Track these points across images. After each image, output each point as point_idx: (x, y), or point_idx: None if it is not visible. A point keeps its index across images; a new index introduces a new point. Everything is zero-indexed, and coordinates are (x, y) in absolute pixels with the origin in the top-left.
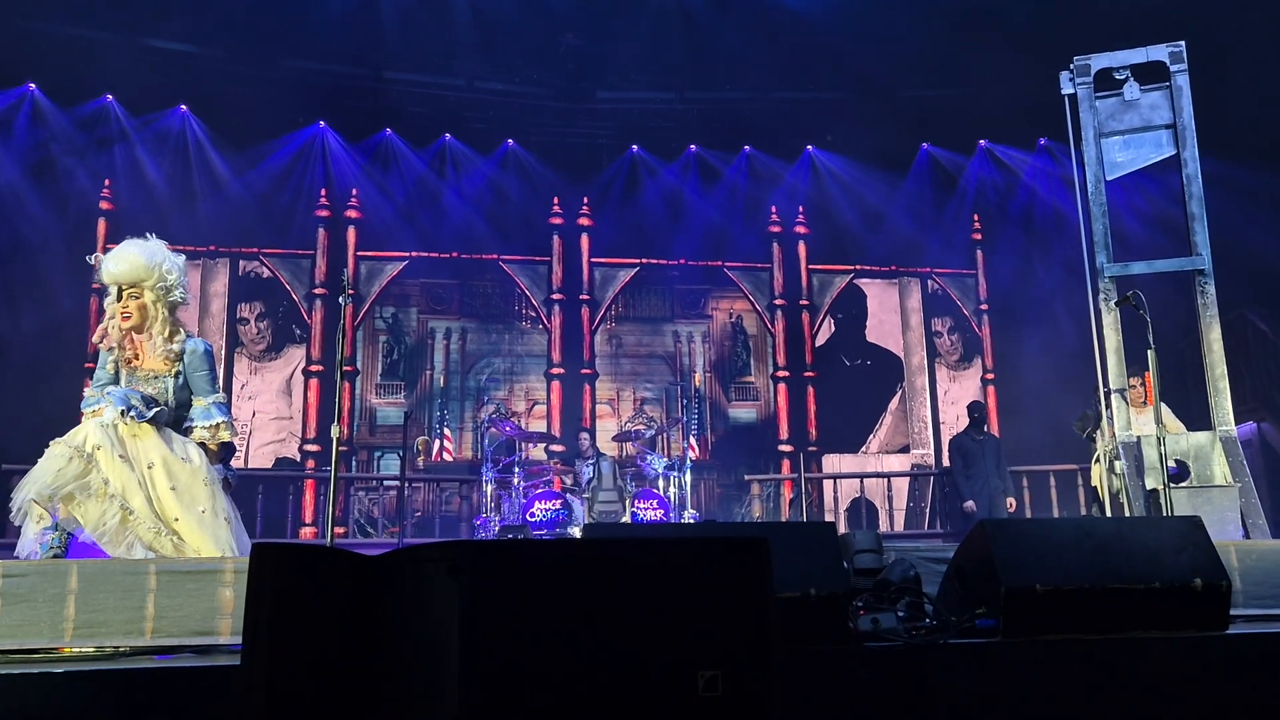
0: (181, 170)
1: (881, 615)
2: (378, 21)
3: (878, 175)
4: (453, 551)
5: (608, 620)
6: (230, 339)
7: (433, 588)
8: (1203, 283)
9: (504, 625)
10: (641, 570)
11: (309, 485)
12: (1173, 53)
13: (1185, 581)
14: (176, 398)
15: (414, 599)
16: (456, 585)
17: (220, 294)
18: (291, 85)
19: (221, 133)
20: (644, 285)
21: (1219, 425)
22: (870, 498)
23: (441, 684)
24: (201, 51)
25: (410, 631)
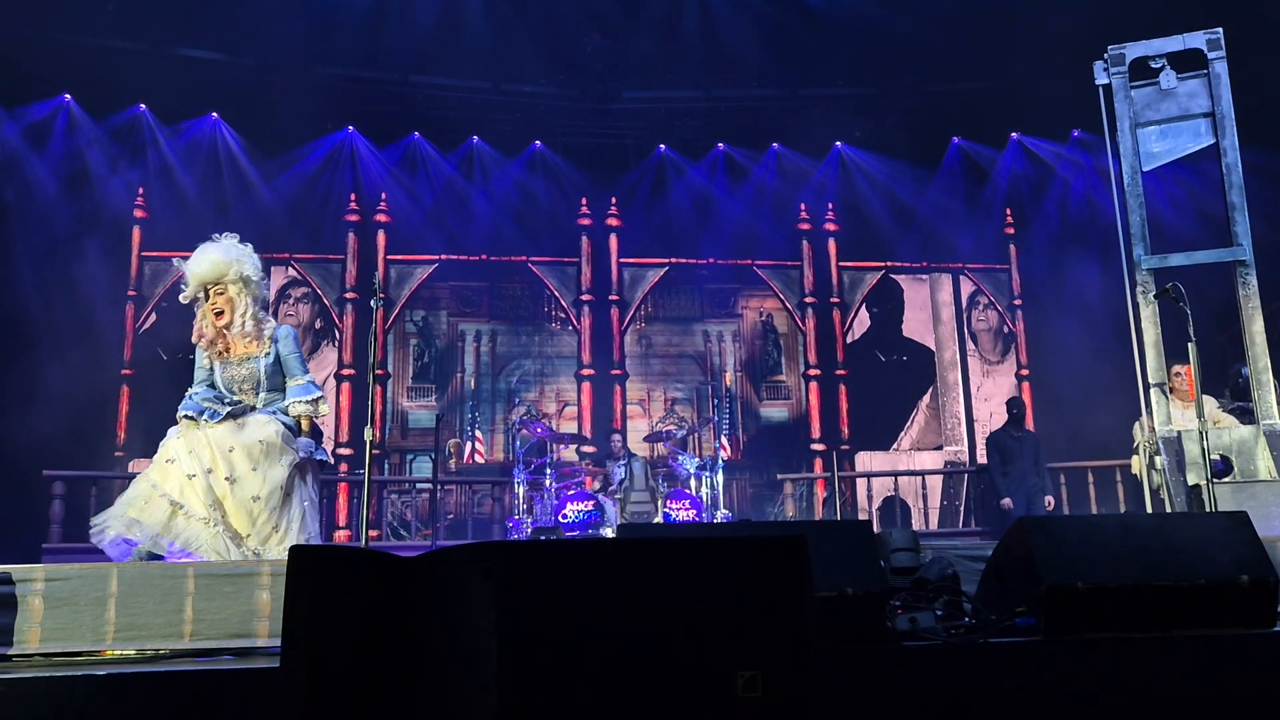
0: (213, 177)
1: (919, 614)
2: (404, 26)
3: (908, 170)
4: (487, 553)
5: (644, 620)
6: None
7: (468, 589)
8: (1244, 274)
9: (540, 626)
10: (677, 570)
11: (342, 488)
12: (1210, 40)
13: (1231, 578)
14: (270, 380)
15: (450, 601)
16: (492, 587)
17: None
18: (320, 91)
19: (252, 139)
20: (673, 285)
21: (1263, 419)
22: (904, 496)
23: (480, 686)
24: (231, 60)
25: (447, 633)
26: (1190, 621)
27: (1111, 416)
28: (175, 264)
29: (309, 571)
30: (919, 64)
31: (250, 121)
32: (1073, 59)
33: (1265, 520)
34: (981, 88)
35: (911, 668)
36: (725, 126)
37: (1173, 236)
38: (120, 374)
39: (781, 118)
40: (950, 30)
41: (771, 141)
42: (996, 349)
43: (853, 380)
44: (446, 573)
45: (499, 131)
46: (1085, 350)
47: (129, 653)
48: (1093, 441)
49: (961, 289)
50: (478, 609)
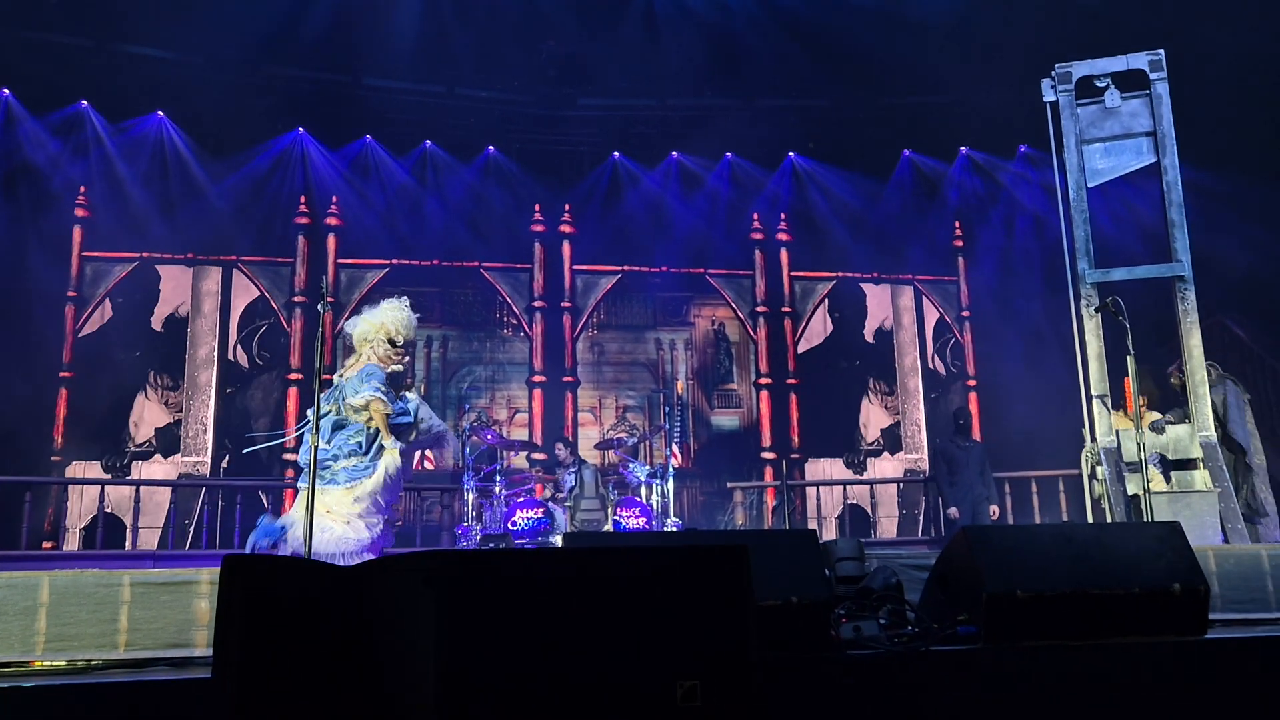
0: (158, 177)
1: (863, 623)
2: (357, 28)
3: (859, 182)
4: (428, 562)
5: (586, 630)
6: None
7: (409, 598)
8: (1183, 289)
9: (481, 636)
10: (620, 580)
11: (288, 495)
12: (1152, 60)
13: (1164, 586)
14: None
15: (390, 610)
16: (433, 596)
17: (213, 292)
18: (270, 92)
19: (199, 139)
20: (626, 292)
21: (1199, 431)
22: (864, 504)
23: (419, 696)
24: (179, 58)
25: (387, 643)
26: (1125, 628)
27: (1055, 427)
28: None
29: (242, 580)
30: (871, 77)
31: (198, 121)
32: (1021, 76)
33: (1199, 530)
34: (932, 102)
35: (855, 676)
36: (679, 135)
37: (1116, 251)
38: (59, 376)
39: (735, 127)
40: (902, 44)
41: (725, 151)
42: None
43: (812, 385)
44: (386, 581)
45: (452, 136)
46: (1031, 362)
47: (59, 664)
48: (1037, 451)
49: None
50: (417, 618)
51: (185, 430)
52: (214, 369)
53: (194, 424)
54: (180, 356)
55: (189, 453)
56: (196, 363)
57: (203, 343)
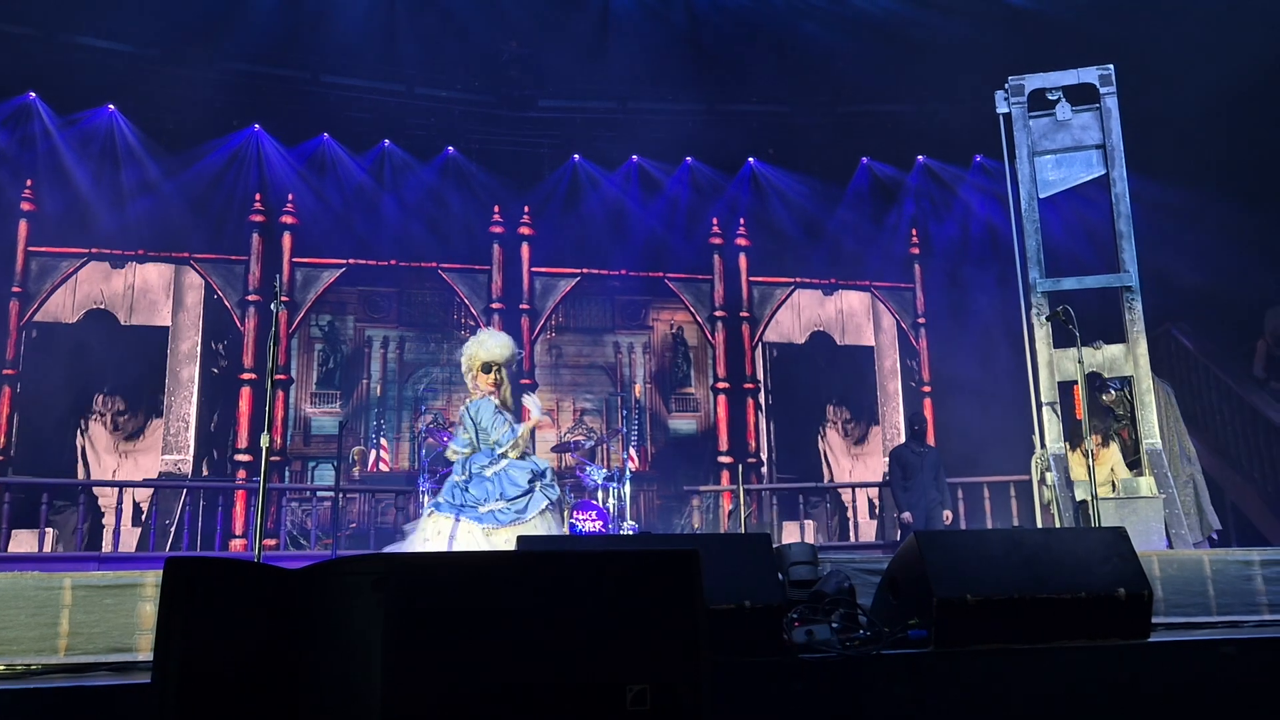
0: (109, 171)
1: (816, 627)
2: (315, 24)
3: (818, 189)
4: (377, 565)
5: (536, 634)
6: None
7: (357, 602)
8: (1130, 299)
9: (430, 640)
10: (571, 583)
11: (239, 496)
12: (1102, 75)
13: (1110, 591)
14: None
15: (337, 614)
16: (381, 599)
17: (197, 285)
18: (226, 87)
19: (151, 134)
20: (584, 295)
21: (1145, 438)
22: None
23: (365, 701)
24: (132, 50)
25: (333, 647)
26: (1072, 632)
27: (1007, 433)
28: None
29: (185, 583)
30: (831, 84)
31: (150, 115)
32: (976, 88)
33: (1144, 535)
34: (890, 111)
35: (807, 679)
36: (640, 139)
37: (1067, 261)
38: (2, 373)
39: (695, 132)
40: (862, 53)
41: (685, 155)
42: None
43: (794, 383)
44: (333, 584)
45: (411, 135)
46: (984, 368)
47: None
48: (989, 457)
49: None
50: (365, 621)
51: (166, 427)
52: (196, 364)
53: (175, 421)
54: (143, 363)
55: (170, 450)
56: (178, 358)
57: (185, 337)
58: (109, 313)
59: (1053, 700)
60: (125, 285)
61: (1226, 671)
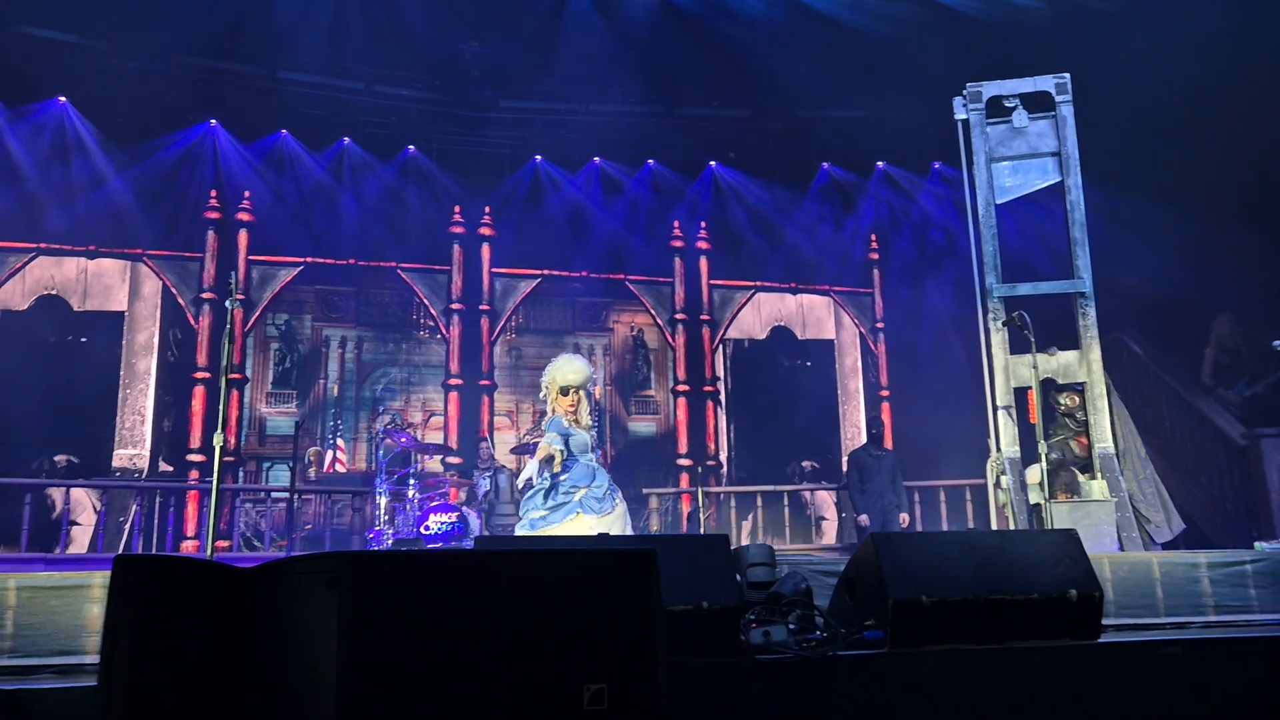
0: (59, 165)
1: (773, 628)
2: (273, 19)
3: (779, 193)
4: (331, 563)
5: (493, 633)
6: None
7: (310, 601)
8: (1084, 305)
9: (385, 640)
10: (528, 583)
11: (192, 497)
12: (1058, 84)
13: (1061, 593)
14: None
15: (291, 613)
16: (335, 598)
17: (153, 275)
18: (180, 81)
19: (104, 128)
20: (545, 297)
21: (1098, 442)
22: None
23: (319, 702)
24: (83, 42)
25: (286, 647)
26: (1024, 633)
27: (963, 438)
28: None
29: (132, 582)
30: (792, 89)
31: (103, 108)
32: (935, 94)
33: (1096, 538)
34: (851, 117)
35: (763, 680)
36: (601, 141)
37: (1023, 267)
38: None
39: (657, 135)
40: (823, 59)
41: (647, 158)
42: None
43: (757, 384)
44: (287, 583)
45: (371, 134)
46: (940, 373)
47: None
48: (946, 461)
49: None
50: (319, 621)
51: (121, 420)
52: (153, 356)
53: (131, 414)
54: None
55: (125, 445)
56: (134, 349)
57: (142, 328)
58: (61, 299)
59: (1005, 699)
60: (79, 270)
61: (1173, 671)
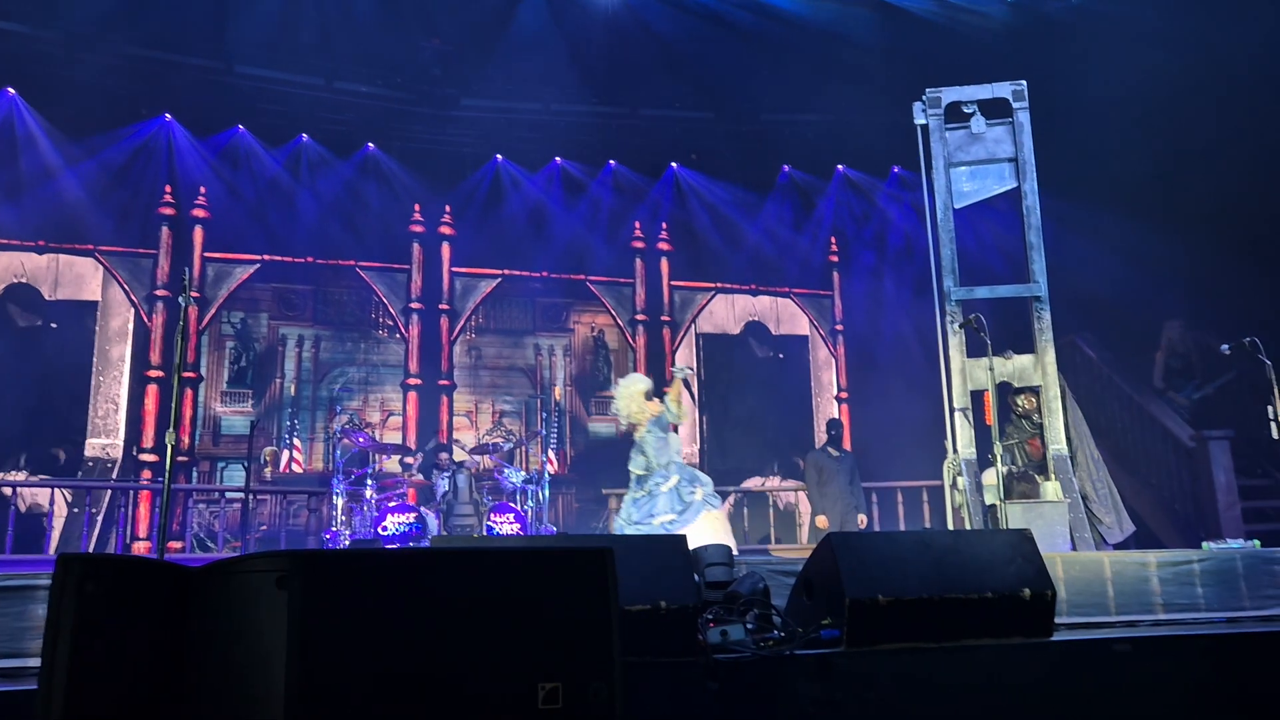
0: (6, 157)
1: (730, 627)
2: (230, 13)
3: (740, 195)
4: (280, 562)
5: (446, 632)
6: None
7: (259, 599)
8: (1039, 309)
9: (334, 640)
10: (482, 581)
11: (144, 497)
12: (1015, 90)
13: (1015, 591)
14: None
15: (240, 612)
16: (285, 596)
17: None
18: (134, 74)
19: (55, 120)
20: (505, 297)
21: (1052, 445)
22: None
23: (267, 703)
24: (33, 32)
25: (235, 647)
26: (978, 631)
27: (921, 439)
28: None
29: (76, 582)
30: (754, 92)
31: (54, 100)
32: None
33: (1049, 538)
34: (812, 120)
35: (721, 679)
36: (563, 140)
37: (980, 270)
38: None
39: (619, 135)
40: (784, 62)
41: (608, 158)
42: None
43: (729, 380)
44: (236, 582)
45: (330, 130)
46: (899, 375)
47: None
48: (904, 462)
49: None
50: (268, 620)
51: (94, 409)
52: (127, 343)
53: (104, 402)
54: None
55: (97, 434)
56: (108, 335)
57: (115, 314)
58: (31, 287)
59: (959, 696)
60: (49, 258)
61: (1122, 668)
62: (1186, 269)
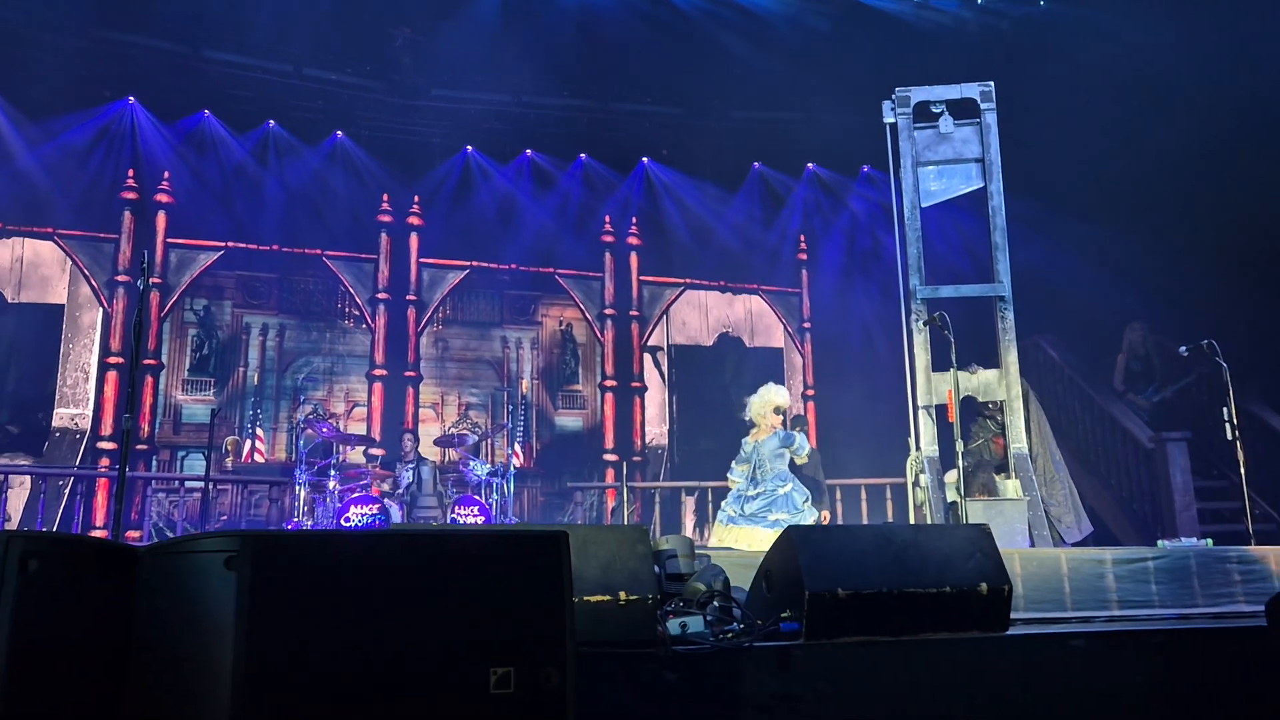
0: None
1: (690, 619)
2: None
3: (710, 191)
4: (230, 542)
5: (398, 616)
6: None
7: (208, 581)
8: (1003, 309)
9: (284, 622)
10: (434, 565)
11: (102, 484)
12: (983, 91)
13: (972, 586)
14: None
15: (188, 592)
16: (234, 578)
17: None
18: (98, 56)
19: (14, 101)
20: (473, 288)
21: (1013, 443)
22: None
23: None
24: None
25: (182, 628)
26: (936, 625)
27: (885, 437)
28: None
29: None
30: (726, 88)
31: (13, 81)
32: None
33: (1009, 535)
34: (782, 118)
35: (679, 670)
36: (534, 133)
37: (946, 270)
38: None
39: (590, 129)
40: (756, 60)
41: (579, 152)
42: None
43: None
44: (185, 562)
45: (298, 118)
46: (865, 373)
47: None
48: (867, 460)
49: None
50: (217, 601)
51: (64, 379)
52: (99, 310)
53: (74, 371)
54: None
55: (65, 404)
56: (79, 300)
57: (84, 283)
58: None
59: (917, 689)
60: (14, 258)
61: (1077, 663)
62: (1149, 272)
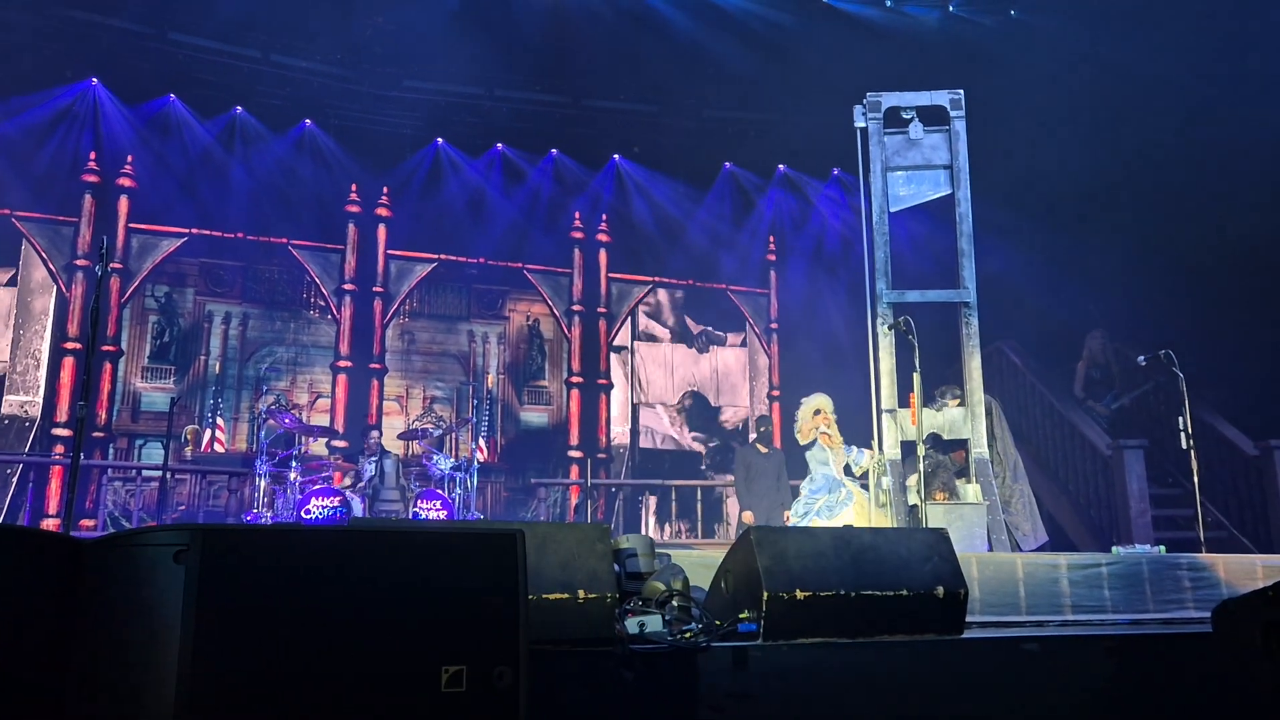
0: None
1: (648, 618)
2: None
3: (681, 190)
4: (179, 535)
5: (349, 612)
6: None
7: (155, 574)
8: (967, 314)
9: (235, 617)
10: (387, 562)
11: (56, 472)
12: (953, 99)
13: (929, 589)
14: None
15: (134, 586)
16: (182, 572)
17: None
18: (59, 35)
19: None
20: (441, 281)
21: (975, 448)
22: None
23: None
24: None
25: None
26: (893, 628)
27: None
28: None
29: None
30: (699, 88)
31: None
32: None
33: (968, 539)
34: (754, 119)
35: (637, 669)
36: (505, 127)
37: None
38: None
39: (562, 125)
40: (729, 60)
41: (551, 147)
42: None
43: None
44: (132, 555)
45: (266, 104)
46: (830, 375)
47: None
48: None
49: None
50: (165, 595)
51: (14, 365)
52: (52, 296)
53: (24, 357)
54: None
55: (15, 390)
56: (30, 287)
57: (37, 264)
58: None
59: (873, 691)
60: None
61: (1030, 666)
62: (1110, 282)
